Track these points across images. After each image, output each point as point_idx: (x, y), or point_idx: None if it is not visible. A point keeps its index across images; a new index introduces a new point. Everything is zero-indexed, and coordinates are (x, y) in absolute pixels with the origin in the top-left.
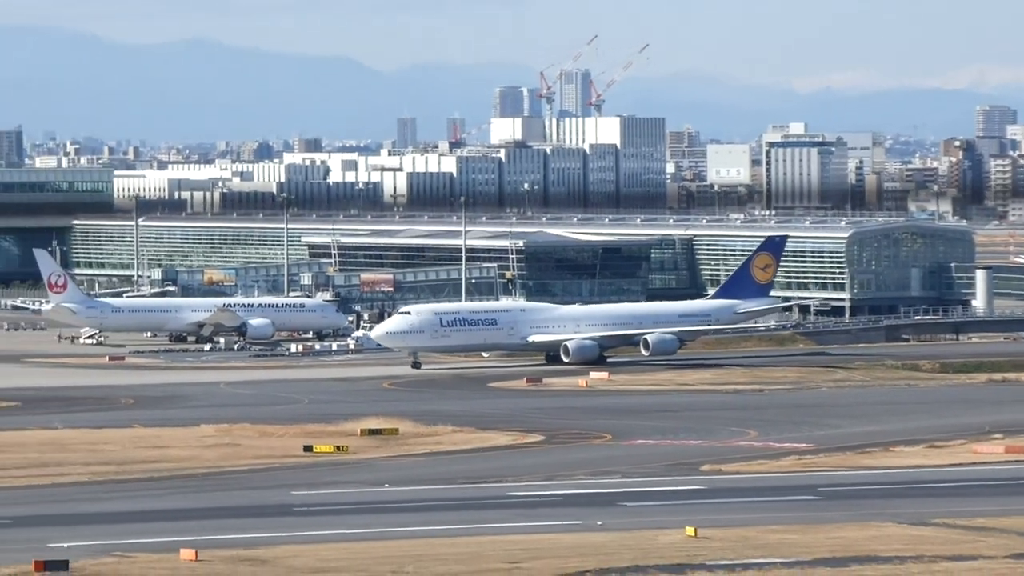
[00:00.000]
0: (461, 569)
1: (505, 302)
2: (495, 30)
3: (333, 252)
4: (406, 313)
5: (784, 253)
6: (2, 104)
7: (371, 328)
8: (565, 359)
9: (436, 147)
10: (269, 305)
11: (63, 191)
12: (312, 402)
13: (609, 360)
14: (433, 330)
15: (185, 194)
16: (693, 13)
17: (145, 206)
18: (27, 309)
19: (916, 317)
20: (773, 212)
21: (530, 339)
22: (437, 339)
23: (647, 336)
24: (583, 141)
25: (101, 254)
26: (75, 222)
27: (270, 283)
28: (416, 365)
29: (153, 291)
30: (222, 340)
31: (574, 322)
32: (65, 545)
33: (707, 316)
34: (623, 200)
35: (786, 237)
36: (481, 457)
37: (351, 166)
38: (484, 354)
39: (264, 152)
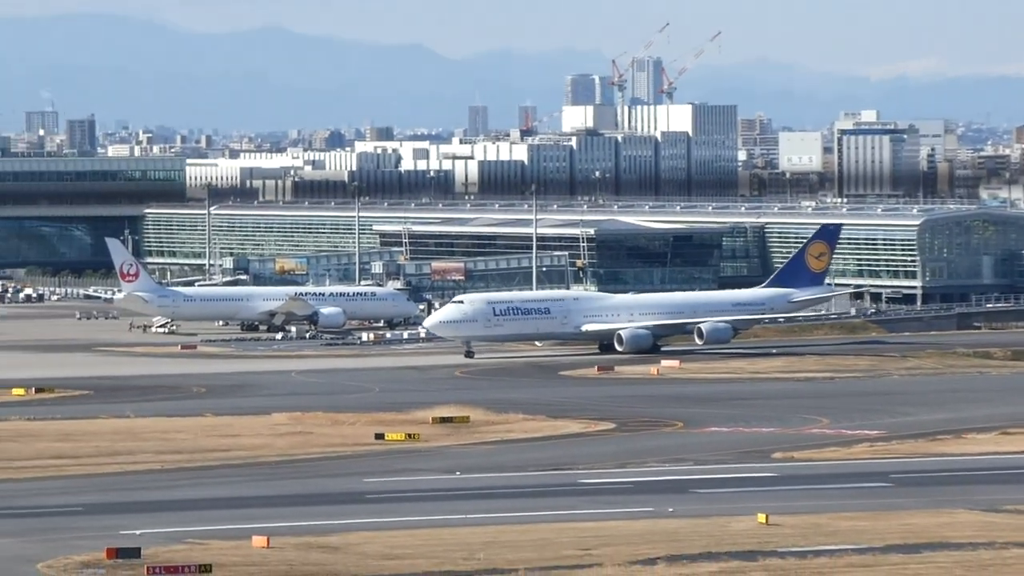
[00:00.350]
0: (532, 556)
1: (558, 291)
2: (567, 18)
3: (404, 240)
4: (459, 302)
5: (856, 241)
6: (75, 93)
7: None
8: (619, 348)
9: (507, 135)
10: (340, 294)
11: (135, 180)
12: (383, 390)
13: (663, 349)
14: (486, 319)
15: (257, 182)
16: (766, 0)
17: (217, 194)
18: (99, 298)
19: (988, 305)
20: (845, 200)
21: (583, 328)
22: (490, 328)
23: (701, 325)
24: (655, 129)
25: (173, 243)
26: (147, 211)
27: (341, 272)
28: (469, 354)
29: (225, 280)
30: (293, 329)
31: (627, 311)
32: (137, 532)
33: (761, 305)
34: (694, 187)
35: (840, 225)
36: (552, 445)
37: (422, 154)
38: (537, 343)
39: (336, 140)
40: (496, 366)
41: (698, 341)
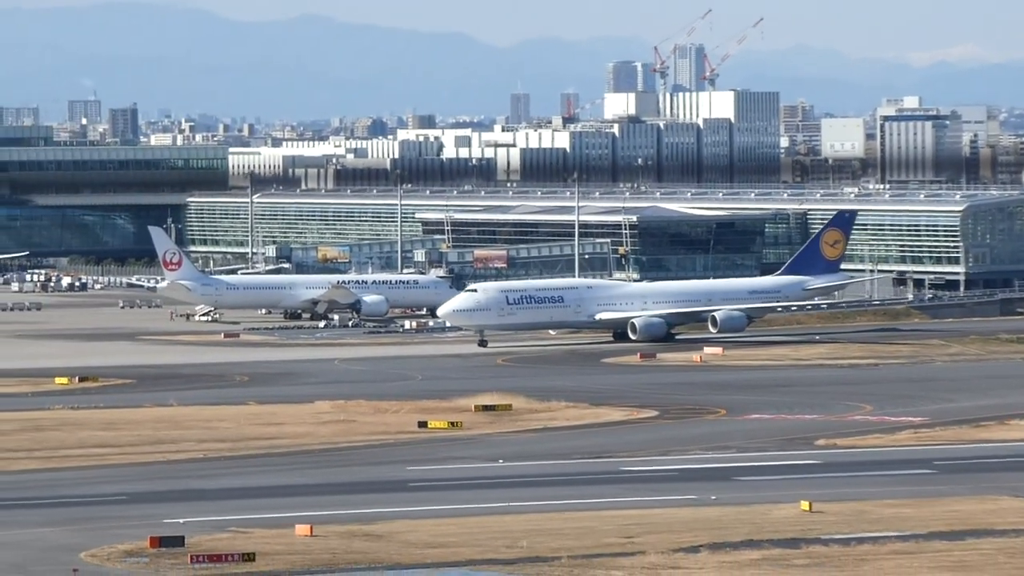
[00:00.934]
0: (575, 544)
1: (572, 279)
2: (609, 5)
3: (446, 228)
4: (472, 291)
5: (899, 227)
6: (117, 81)
7: None
8: (632, 337)
9: (550, 122)
10: (383, 282)
11: (178, 168)
12: (426, 378)
13: (677, 338)
14: (499, 308)
15: (299, 171)
16: None
17: (259, 183)
18: (142, 287)
19: None
20: (887, 186)
21: (597, 316)
22: (503, 317)
23: (715, 313)
24: (697, 116)
25: (216, 231)
26: (190, 199)
27: (384, 260)
28: (483, 343)
29: (268, 268)
30: (336, 317)
31: (641, 299)
32: (181, 521)
33: (776, 293)
34: (737, 174)
35: (856, 212)
36: (595, 432)
37: (464, 142)
38: (551, 332)
39: (378, 128)
40: (539, 354)
41: (712, 329)
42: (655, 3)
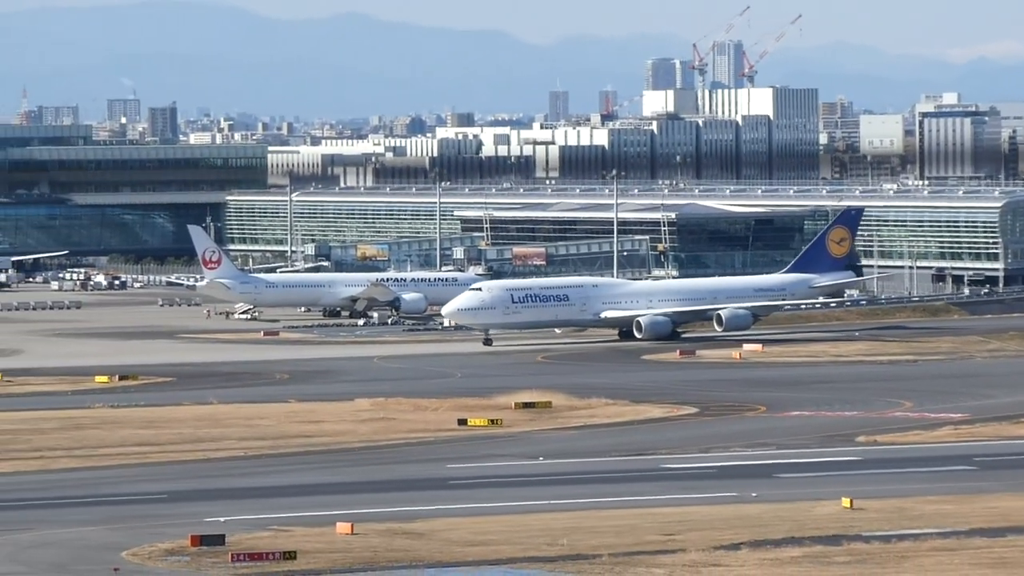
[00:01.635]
0: (616, 541)
1: (578, 278)
2: (647, 2)
3: (485, 226)
4: (477, 289)
5: (938, 223)
6: (156, 81)
7: None
8: (638, 335)
9: (588, 120)
10: (422, 279)
11: (217, 167)
12: (465, 376)
13: (683, 336)
14: (504, 306)
15: (338, 169)
16: None
17: (299, 181)
18: (182, 285)
19: None
20: (926, 182)
21: (603, 315)
22: (508, 315)
23: (720, 312)
24: (735, 112)
25: (255, 230)
26: (229, 198)
27: (423, 257)
28: (488, 342)
29: (307, 266)
30: (375, 315)
31: (647, 297)
32: (222, 519)
33: (782, 291)
34: (775, 171)
35: (862, 209)
36: (635, 430)
37: (503, 140)
38: (556, 330)
39: (417, 127)
40: (579, 351)
41: (717, 328)
42: (694, 0)
